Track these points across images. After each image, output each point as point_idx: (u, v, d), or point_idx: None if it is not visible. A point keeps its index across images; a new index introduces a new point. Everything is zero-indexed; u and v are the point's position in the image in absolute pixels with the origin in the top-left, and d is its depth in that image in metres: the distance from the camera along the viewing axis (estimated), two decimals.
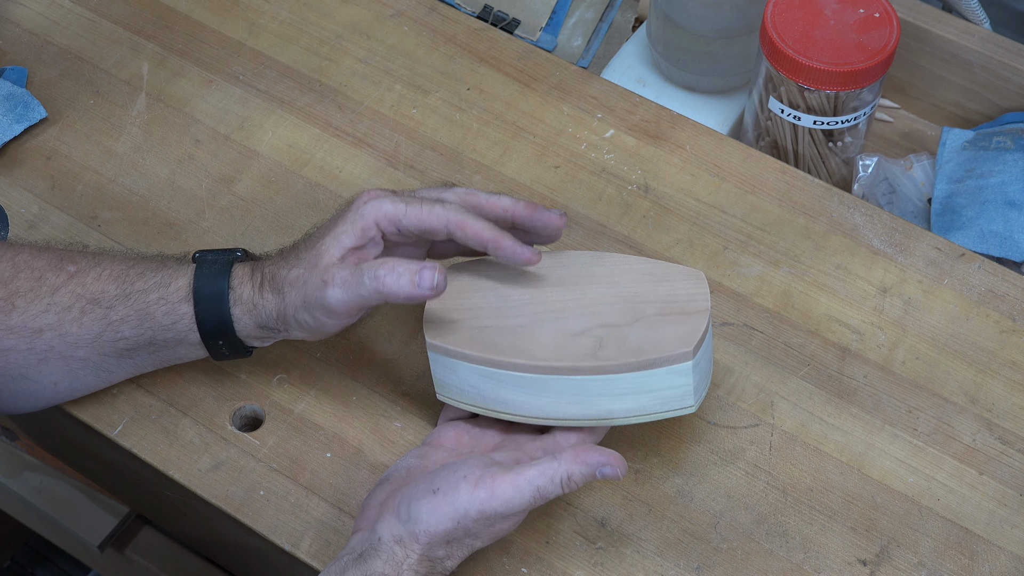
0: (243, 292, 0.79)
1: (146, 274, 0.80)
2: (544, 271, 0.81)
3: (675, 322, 0.77)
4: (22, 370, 0.80)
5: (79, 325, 0.79)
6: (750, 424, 0.86)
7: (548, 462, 0.73)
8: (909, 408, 0.86)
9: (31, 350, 0.79)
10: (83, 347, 0.80)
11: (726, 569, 0.80)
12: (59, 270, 0.80)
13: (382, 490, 0.77)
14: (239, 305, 0.79)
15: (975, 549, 0.81)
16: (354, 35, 1.04)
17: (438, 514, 0.72)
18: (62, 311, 0.79)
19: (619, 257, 0.82)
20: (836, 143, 1.01)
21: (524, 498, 0.72)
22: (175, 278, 0.80)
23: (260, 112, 1.00)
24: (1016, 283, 0.91)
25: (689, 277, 0.80)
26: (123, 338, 0.80)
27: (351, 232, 0.77)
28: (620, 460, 0.74)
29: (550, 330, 0.78)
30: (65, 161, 0.98)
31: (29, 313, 0.79)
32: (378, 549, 0.72)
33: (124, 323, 0.80)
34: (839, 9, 0.96)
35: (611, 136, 0.99)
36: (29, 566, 1.60)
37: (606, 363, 0.75)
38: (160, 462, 0.84)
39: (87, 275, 0.80)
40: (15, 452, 1.28)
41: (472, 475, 0.73)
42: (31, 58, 1.03)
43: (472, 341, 0.78)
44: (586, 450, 0.74)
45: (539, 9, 1.13)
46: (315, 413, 0.86)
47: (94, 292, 0.79)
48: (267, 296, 0.79)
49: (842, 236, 0.94)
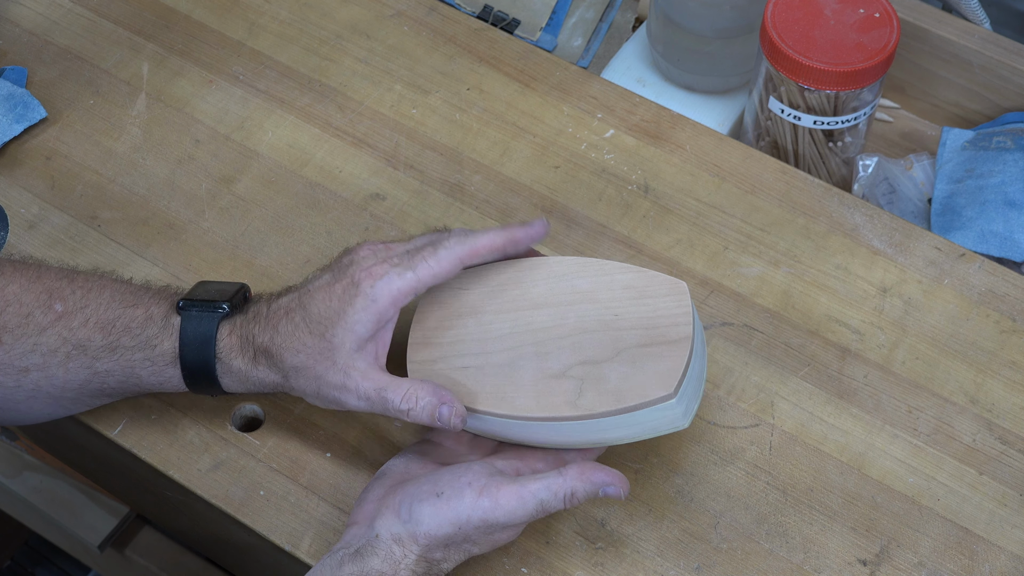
0: (232, 363, 0.78)
1: (132, 329, 0.78)
2: (527, 287, 0.80)
3: (656, 356, 0.75)
4: (11, 404, 0.79)
5: (65, 370, 0.78)
6: (750, 424, 0.86)
7: (554, 477, 0.73)
8: (909, 408, 0.86)
9: (19, 387, 0.78)
10: (71, 391, 0.79)
11: (726, 569, 0.80)
12: (47, 308, 0.78)
13: (380, 485, 0.77)
14: (228, 375, 0.78)
15: (975, 549, 0.81)
16: (354, 35, 1.04)
17: (440, 518, 0.72)
18: (48, 353, 0.77)
19: (601, 266, 0.80)
20: (836, 143, 1.01)
21: (527, 510, 0.73)
22: (160, 340, 0.78)
23: (260, 112, 1.00)
24: (1016, 283, 0.91)
25: (671, 292, 0.78)
26: (110, 388, 0.79)
27: (366, 321, 0.74)
28: (623, 480, 0.75)
29: (531, 370, 0.77)
30: (65, 161, 0.98)
31: (16, 352, 0.77)
32: (376, 546, 0.72)
33: (110, 375, 0.78)
34: (839, 9, 0.96)
35: (611, 136, 0.99)
36: (29, 566, 1.60)
37: (586, 412, 0.75)
38: (160, 462, 0.84)
39: (74, 319, 0.78)
40: (15, 452, 1.28)
41: (477, 483, 0.73)
42: (31, 58, 1.03)
43: (454, 385, 0.77)
44: (592, 469, 0.74)
45: (539, 9, 1.13)
46: (315, 413, 0.86)
47: (80, 338, 0.78)
48: (262, 370, 0.77)
49: (842, 236, 0.94)
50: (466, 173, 0.97)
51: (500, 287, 0.80)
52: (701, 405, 0.86)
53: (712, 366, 0.88)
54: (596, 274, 0.79)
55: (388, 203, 0.95)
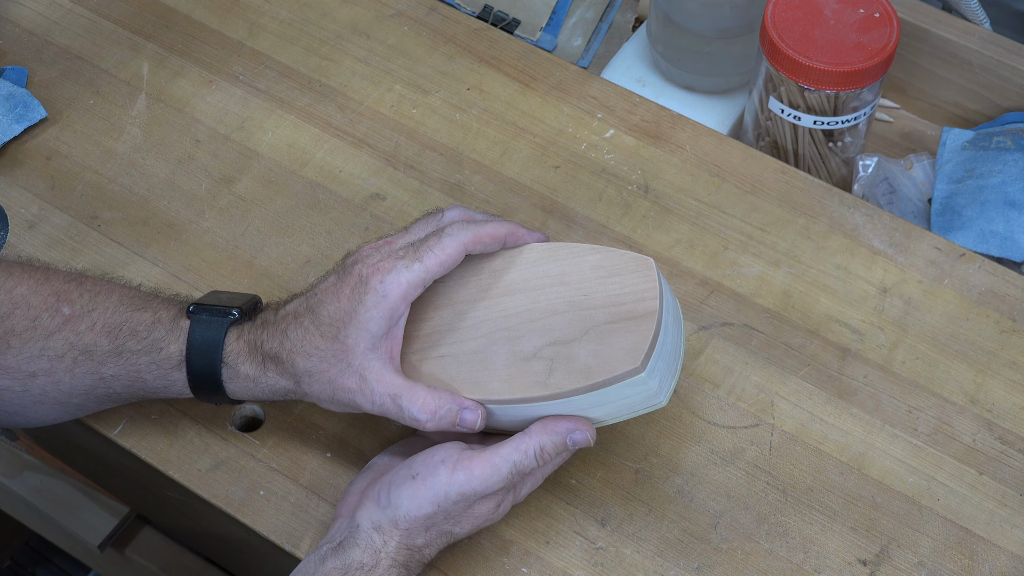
0: (240, 368, 0.77)
1: (138, 333, 0.77)
2: (500, 274, 0.79)
3: (623, 331, 0.75)
4: (18, 408, 0.79)
5: (72, 375, 0.78)
6: (750, 424, 0.86)
7: (520, 437, 0.74)
8: (909, 408, 0.86)
9: (26, 392, 0.78)
10: (77, 396, 0.79)
11: (726, 569, 0.80)
12: (55, 311, 0.77)
13: (364, 478, 0.78)
14: (235, 381, 0.77)
15: (975, 549, 0.81)
16: (354, 35, 1.04)
17: (418, 499, 0.72)
18: (55, 358, 0.77)
19: (571, 248, 0.79)
20: (836, 143, 1.01)
21: (501, 475, 0.73)
22: (167, 342, 0.77)
23: (260, 112, 1.00)
24: (1016, 283, 0.91)
25: (639, 268, 0.77)
26: (115, 393, 0.79)
27: (378, 319, 0.73)
28: (588, 425, 0.75)
29: (503, 354, 0.77)
30: (65, 161, 0.98)
31: (23, 356, 0.77)
32: (356, 537, 0.72)
33: (116, 380, 0.78)
34: (839, 9, 0.96)
35: (611, 136, 0.99)
36: (29, 566, 1.60)
37: (557, 391, 0.75)
38: (160, 462, 0.84)
39: (80, 323, 0.77)
40: (15, 452, 1.28)
41: (450, 458, 0.73)
42: (31, 58, 1.03)
43: (431, 377, 0.77)
44: (554, 420, 0.75)
45: (539, 9, 1.13)
46: (315, 413, 0.86)
47: (87, 343, 0.77)
48: (271, 376, 0.77)
49: (842, 236, 0.94)
50: (466, 173, 0.97)
51: (475, 275, 0.80)
52: (701, 405, 0.86)
53: (712, 366, 0.88)
54: (566, 257, 0.79)
55: (388, 203, 0.95)
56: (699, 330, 0.89)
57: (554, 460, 0.76)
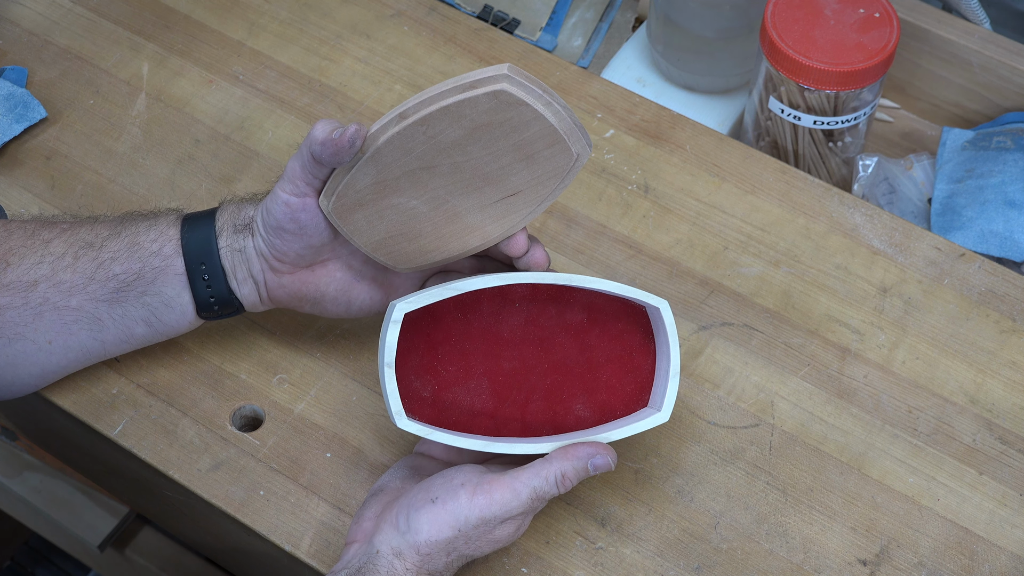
0: (226, 208, 0.81)
1: (138, 219, 0.82)
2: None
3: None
4: (18, 329, 0.80)
5: (72, 271, 0.80)
6: (750, 424, 0.86)
7: (541, 463, 0.74)
8: (909, 408, 0.86)
9: (26, 305, 0.79)
10: (76, 294, 0.80)
11: (726, 569, 0.80)
12: (52, 226, 0.82)
13: (377, 501, 0.77)
14: (223, 215, 0.80)
15: (975, 549, 0.81)
16: (354, 35, 1.04)
17: (438, 523, 0.72)
18: (56, 260, 0.80)
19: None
20: (836, 143, 1.01)
21: (521, 500, 0.73)
22: (167, 214, 0.82)
23: (260, 112, 1.00)
24: (1016, 283, 0.91)
25: None
26: (113, 276, 0.80)
27: None
28: (609, 449, 0.75)
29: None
30: (65, 161, 0.98)
31: (23, 267, 0.80)
32: (376, 563, 0.72)
33: (115, 261, 0.80)
34: (839, 9, 0.96)
35: (611, 136, 0.99)
36: (29, 566, 1.60)
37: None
38: (160, 462, 0.84)
39: (81, 227, 0.81)
40: (15, 452, 1.28)
41: (470, 482, 0.73)
42: (31, 58, 1.03)
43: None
44: (575, 446, 0.75)
45: (539, 9, 1.13)
46: (315, 413, 0.86)
47: (88, 238, 0.81)
48: (246, 207, 0.80)
49: (842, 236, 0.94)
50: None
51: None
52: (701, 405, 0.86)
53: (712, 366, 0.88)
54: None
55: None
56: (699, 330, 0.89)
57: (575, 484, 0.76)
